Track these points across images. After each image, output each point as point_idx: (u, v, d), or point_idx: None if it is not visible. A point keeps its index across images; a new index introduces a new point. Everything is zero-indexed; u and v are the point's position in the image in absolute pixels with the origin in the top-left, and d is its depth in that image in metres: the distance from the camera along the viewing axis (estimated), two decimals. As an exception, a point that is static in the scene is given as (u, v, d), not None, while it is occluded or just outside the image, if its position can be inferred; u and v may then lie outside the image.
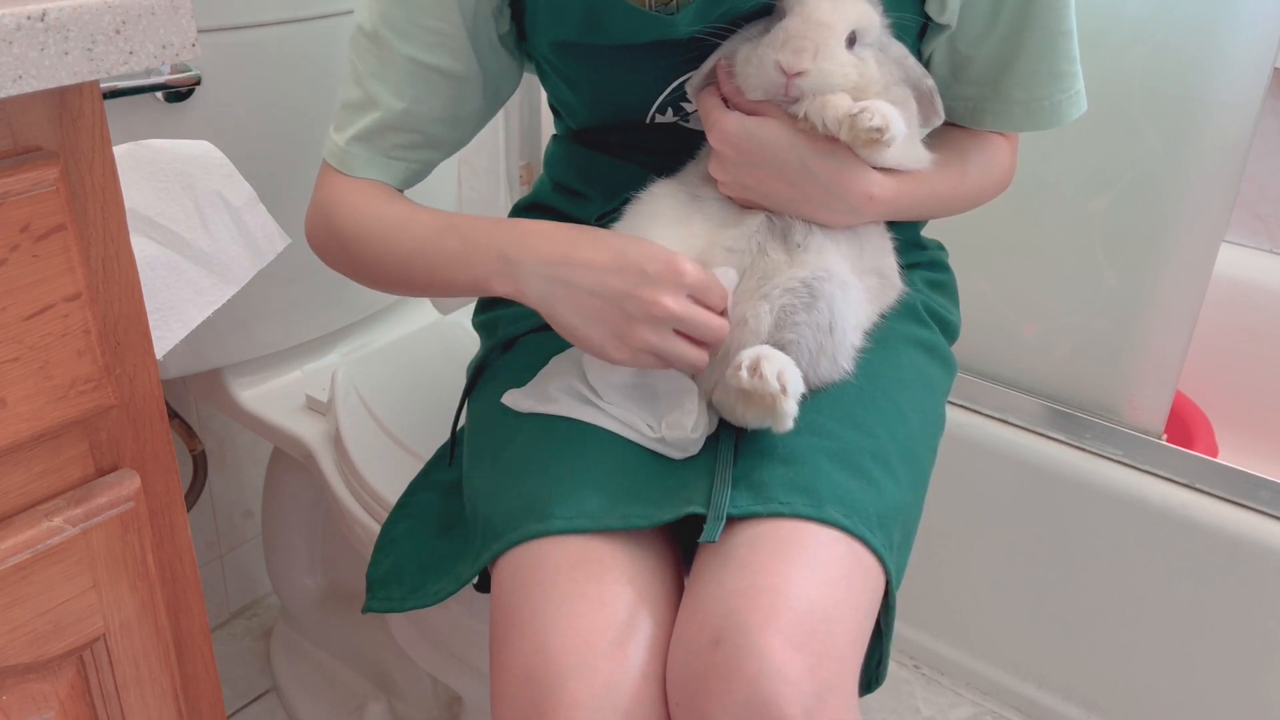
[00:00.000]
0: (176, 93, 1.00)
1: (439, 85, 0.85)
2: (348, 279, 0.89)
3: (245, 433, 1.46)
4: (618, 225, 0.83)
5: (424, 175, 0.91)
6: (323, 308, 1.23)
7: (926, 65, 0.85)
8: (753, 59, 0.76)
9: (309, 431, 1.15)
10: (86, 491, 0.59)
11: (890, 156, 0.77)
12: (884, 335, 0.85)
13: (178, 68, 0.99)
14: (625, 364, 0.74)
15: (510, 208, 1.03)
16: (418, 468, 0.96)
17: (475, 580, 0.78)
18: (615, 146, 0.91)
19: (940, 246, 1.01)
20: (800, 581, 0.66)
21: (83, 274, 0.55)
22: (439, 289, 0.83)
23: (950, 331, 0.96)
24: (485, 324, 0.98)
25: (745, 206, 0.81)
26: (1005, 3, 0.81)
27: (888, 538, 0.73)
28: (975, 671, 1.45)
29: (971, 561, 1.42)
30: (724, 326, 0.74)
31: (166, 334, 0.77)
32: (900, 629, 1.50)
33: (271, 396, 1.22)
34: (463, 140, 0.91)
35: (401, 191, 0.89)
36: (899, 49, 0.78)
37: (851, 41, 0.75)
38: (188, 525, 0.67)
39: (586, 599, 0.67)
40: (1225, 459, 1.24)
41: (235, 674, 1.43)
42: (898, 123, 0.73)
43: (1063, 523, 1.32)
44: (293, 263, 0.95)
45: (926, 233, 1.00)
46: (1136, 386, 1.29)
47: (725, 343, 0.76)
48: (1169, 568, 1.25)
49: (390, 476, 1.00)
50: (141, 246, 0.76)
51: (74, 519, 0.58)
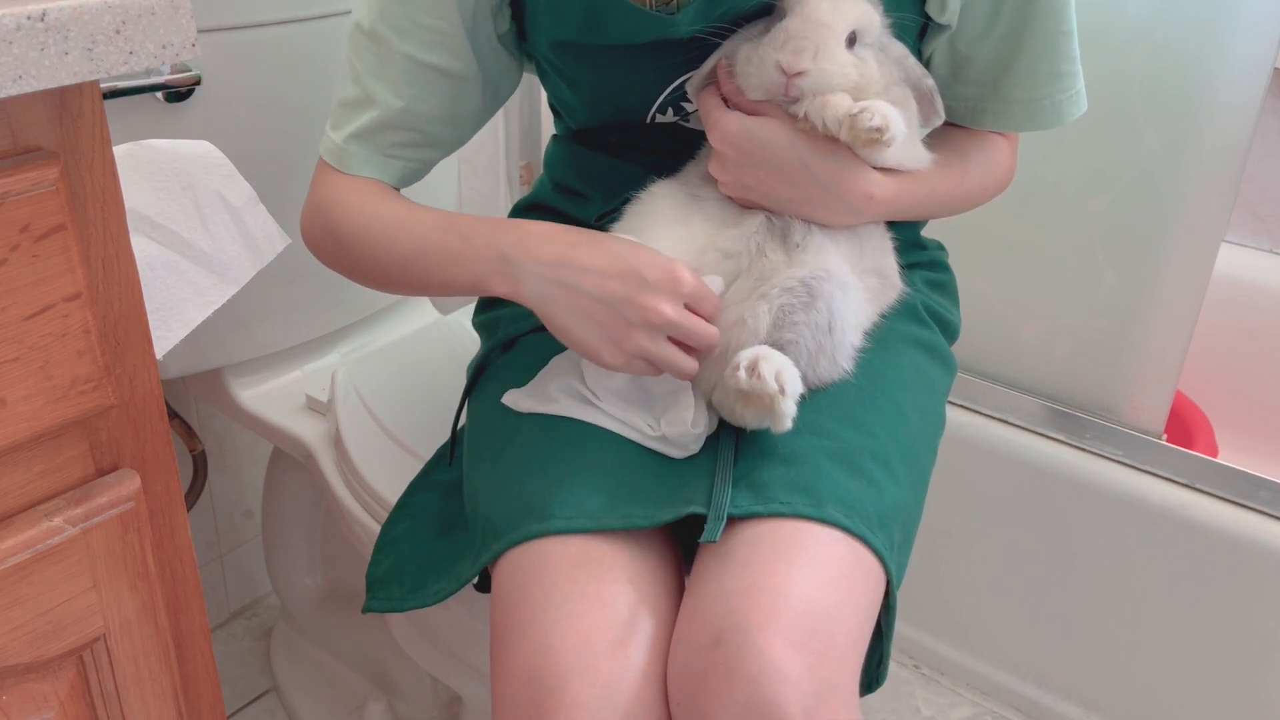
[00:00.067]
0: (176, 93, 1.00)
1: (437, 84, 0.85)
2: (348, 279, 0.89)
3: (245, 433, 1.46)
4: (617, 225, 0.83)
5: (422, 174, 0.91)
6: (323, 308, 1.23)
7: (927, 65, 0.85)
8: (753, 59, 0.76)
9: (309, 431, 1.15)
10: (86, 491, 0.59)
11: (890, 156, 0.77)
12: (884, 335, 0.85)
13: (178, 68, 0.99)
14: (618, 369, 0.75)
15: (510, 208, 1.03)
16: (418, 468, 0.96)
17: (475, 580, 0.78)
18: (615, 146, 0.91)
19: (940, 246, 1.01)
20: (801, 581, 0.66)
21: (83, 274, 0.55)
22: (437, 288, 0.82)
23: (950, 331, 0.96)
24: (485, 324, 0.98)
25: (745, 206, 0.81)
26: (1005, 3, 0.81)
27: (888, 538, 0.73)
28: (975, 671, 1.45)
29: (971, 561, 1.42)
30: (716, 334, 0.74)
31: (166, 334, 0.77)
32: (900, 629, 1.50)
33: (271, 396, 1.22)
34: (461, 139, 0.91)
35: (399, 190, 0.89)
36: (899, 49, 0.78)
37: (852, 41, 0.75)
38: (188, 525, 0.67)
39: (587, 599, 0.67)
40: (1225, 459, 1.24)
41: (235, 674, 1.43)
42: (898, 123, 0.73)
43: (1063, 523, 1.32)
44: (293, 263, 0.95)
45: (926, 233, 1.00)
46: (1136, 386, 1.29)
47: (724, 343, 0.76)
48: (1169, 568, 1.25)
49: (390, 476, 1.00)
50: (141, 246, 0.76)
51: (74, 519, 0.58)
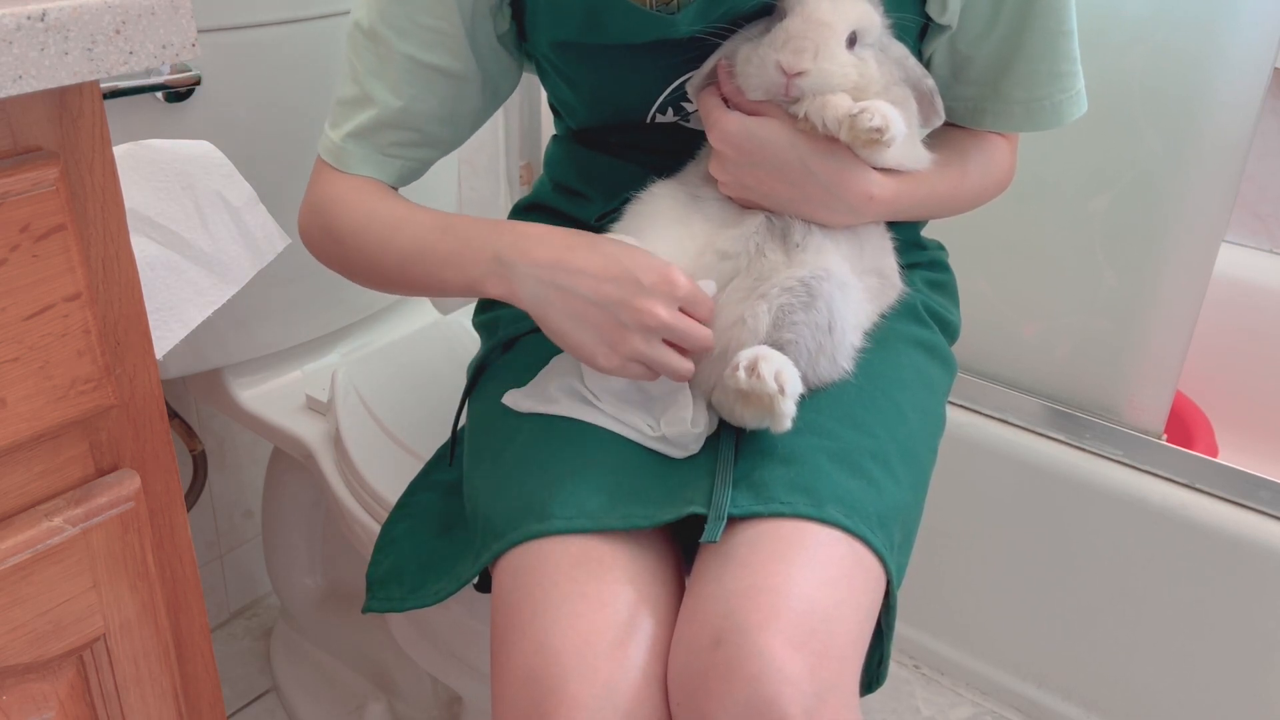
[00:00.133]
0: (176, 93, 1.00)
1: (437, 84, 0.85)
2: (346, 278, 0.89)
3: (245, 433, 1.46)
4: (617, 225, 0.83)
5: (420, 173, 0.91)
6: (323, 308, 1.23)
7: (927, 66, 0.85)
8: (753, 59, 0.76)
9: (309, 431, 1.15)
10: (86, 491, 0.59)
11: (890, 157, 0.77)
12: (884, 335, 0.85)
13: (178, 68, 0.99)
14: (613, 372, 0.74)
15: (510, 208, 1.03)
16: (418, 468, 0.96)
17: (475, 580, 0.78)
18: (615, 146, 0.91)
19: (940, 246, 1.01)
20: (801, 581, 0.66)
21: (83, 274, 0.55)
22: (433, 289, 0.82)
23: (950, 331, 0.96)
24: (485, 324, 0.98)
25: (745, 207, 0.81)
26: (1006, 3, 0.81)
27: (888, 537, 0.73)
28: (975, 671, 1.45)
29: (971, 561, 1.42)
30: (710, 337, 0.74)
31: (166, 334, 0.77)
32: (900, 629, 1.50)
33: (271, 396, 1.22)
34: (460, 139, 0.91)
35: (397, 189, 0.89)
36: (899, 49, 0.78)
37: (852, 42, 0.75)
38: (188, 525, 0.67)
39: (587, 599, 0.67)
40: (1225, 459, 1.24)
41: (235, 674, 1.43)
42: (898, 123, 0.73)
43: (1063, 523, 1.32)
44: (293, 263, 0.95)
45: (926, 233, 1.00)
46: (1136, 386, 1.29)
47: (724, 343, 0.76)
48: (1169, 568, 1.25)
49: (390, 476, 1.00)
50: (141, 246, 0.76)
51: (74, 519, 0.58)
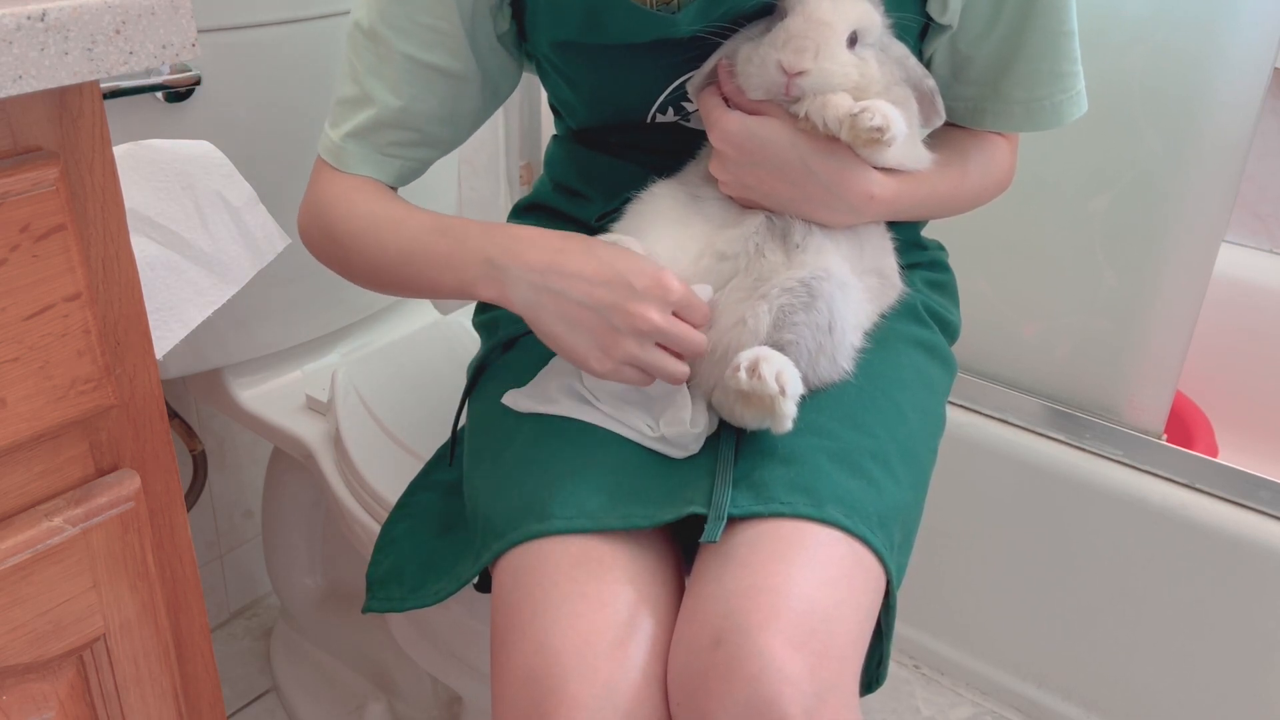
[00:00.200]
0: (176, 93, 1.00)
1: (436, 83, 0.85)
2: (344, 278, 0.89)
3: (245, 433, 1.46)
4: (618, 225, 0.83)
5: (419, 173, 0.90)
6: (323, 308, 1.23)
7: (927, 65, 0.85)
8: (754, 58, 0.76)
9: (309, 431, 1.15)
10: (86, 491, 0.59)
11: (891, 156, 0.77)
12: (884, 335, 0.85)
13: (178, 68, 0.99)
14: (606, 376, 0.74)
15: (510, 208, 1.03)
16: (418, 468, 0.96)
17: (475, 580, 0.78)
18: (615, 146, 0.91)
19: (940, 247, 1.01)
20: (801, 581, 0.66)
21: (83, 274, 0.55)
22: (427, 291, 0.82)
23: (950, 331, 0.96)
24: (485, 324, 0.98)
25: (746, 206, 0.81)
26: (1006, 3, 0.81)
27: (888, 538, 0.73)
28: (975, 671, 1.45)
29: (971, 561, 1.42)
30: (704, 342, 0.74)
31: (166, 334, 0.77)
32: (900, 629, 1.50)
33: (271, 396, 1.22)
34: (459, 139, 0.91)
35: (396, 189, 0.88)
36: (900, 49, 0.78)
37: (853, 41, 0.75)
38: (188, 525, 0.67)
39: (587, 599, 0.67)
40: (1225, 459, 1.24)
41: (235, 674, 1.43)
42: (898, 123, 0.73)
43: (1063, 523, 1.32)
44: (293, 263, 0.95)
45: (926, 233, 1.00)
46: (1136, 386, 1.29)
47: (724, 343, 0.76)
48: (1169, 568, 1.25)
49: (390, 476, 1.00)
50: (141, 246, 0.76)
51: (74, 519, 0.58)
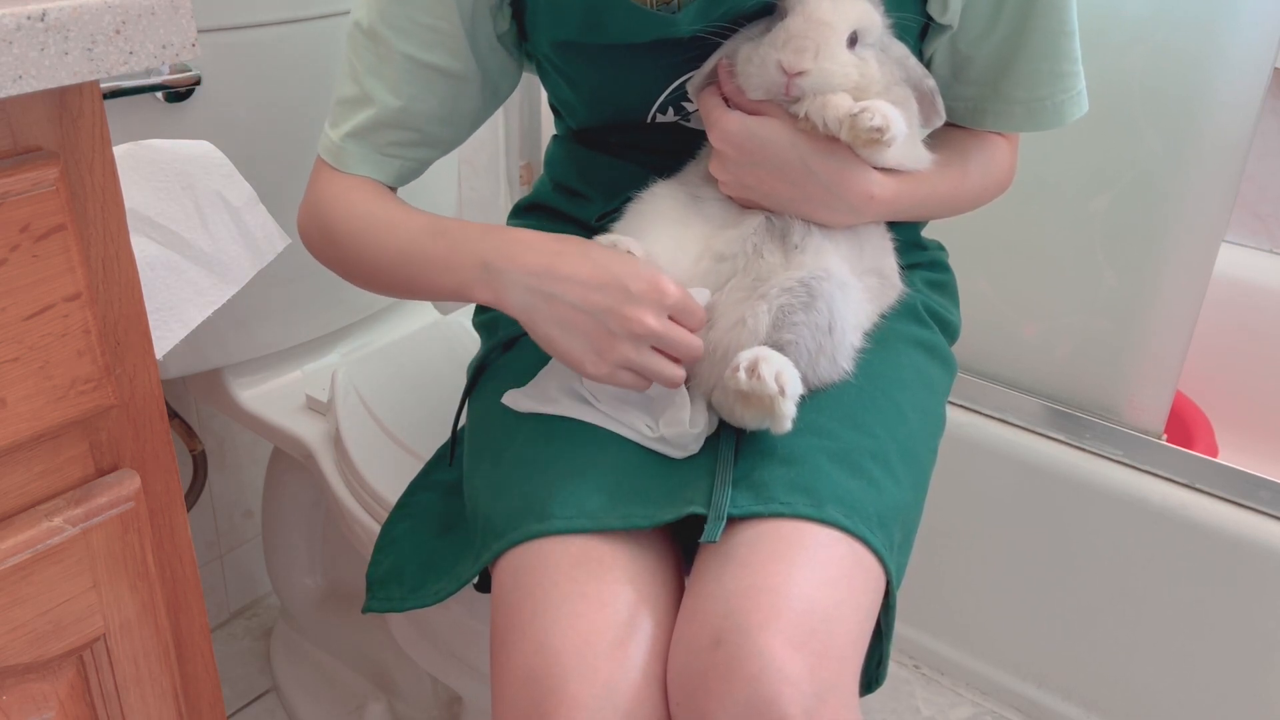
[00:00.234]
0: (176, 93, 1.00)
1: (436, 83, 0.85)
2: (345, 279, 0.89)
3: (245, 433, 1.46)
4: (617, 226, 0.83)
5: (419, 173, 0.90)
6: (323, 308, 1.23)
7: (928, 65, 0.85)
8: (754, 58, 0.76)
9: (309, 431, 1.15)
10: (86, 491, 0.59)
11: (891, 156, 0.77)
12: (884, 335, 0.85)
13: (178, 68, 0.99)
14: (602, 380, 0.74)
15: (510, 208, 1.03)
16: (418, 468, 0.96)
17: (475, 580, 0.78)
18: (615, 146, 0.91)
19: (940, 247, 1.01)
20: (801, 581, 0.66)
21: (83, 274, 0.55)
22: (425, 292, 0.82)
23: (950, 331, 0.96)
24: (485, 324, 0.98)
25: (746, 206, 0.81)
26: (1007, 3, 0.81)
27: (888, 538, 0.73)
28: (975, 671, 1.45)
29: (971, 561, 1.42)
30: (700, 346, 0.74)
31: (166, 334, 0.77)
32: (900, 629, 1.50)
33: (271, 396, 1.22)
34: (459, 139, 0.91)
35: (395, 189, 0.88)
36: (900, 49, 0.78)
37: (853, 41, 0.75)
38: (188, 525, 0.67)
39: (587, 599, 0.67)
40: (1225, 459, 1.24)
41: (235, 674, 1.43)
42: (898, 123, 0.73)
43: (1063, 523, 1.32)
44: (293, 263, 0.95)
45: (926, 233, 1.00)
46: (1136, 386, 1.29)
47: (724, 344, 0.76)
48: (1169, 568, 1.25)
49: (390, 476, 1.00)
50: (141, 246, 0.76)
51: (74, 519, 0.58)
